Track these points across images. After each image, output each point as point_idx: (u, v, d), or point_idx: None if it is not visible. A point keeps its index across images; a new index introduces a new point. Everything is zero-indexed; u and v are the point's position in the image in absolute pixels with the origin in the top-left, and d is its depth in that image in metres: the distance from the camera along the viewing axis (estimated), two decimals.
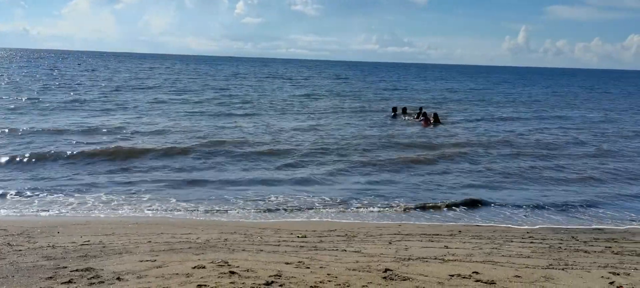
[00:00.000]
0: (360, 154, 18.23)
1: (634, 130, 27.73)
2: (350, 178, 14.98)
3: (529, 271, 6.82)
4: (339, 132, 23.42)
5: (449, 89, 61.03)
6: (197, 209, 11.65)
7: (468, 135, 23.91)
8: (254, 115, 28.52)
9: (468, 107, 37.59)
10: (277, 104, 35.50)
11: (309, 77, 79.28)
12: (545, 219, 11.69)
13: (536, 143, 22.17)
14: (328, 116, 29.34)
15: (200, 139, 19.89)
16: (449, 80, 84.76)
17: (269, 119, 27.03)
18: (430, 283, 6.08)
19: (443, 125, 26.68)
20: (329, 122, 26.71)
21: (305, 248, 7.86)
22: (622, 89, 79.33)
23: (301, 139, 21.17)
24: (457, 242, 8.65)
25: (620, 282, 6.38)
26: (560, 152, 20.18)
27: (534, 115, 33.60)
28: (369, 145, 19.97)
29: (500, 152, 19.83)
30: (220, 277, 5.90)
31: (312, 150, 18.70)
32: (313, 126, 24.95)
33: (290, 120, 26.94)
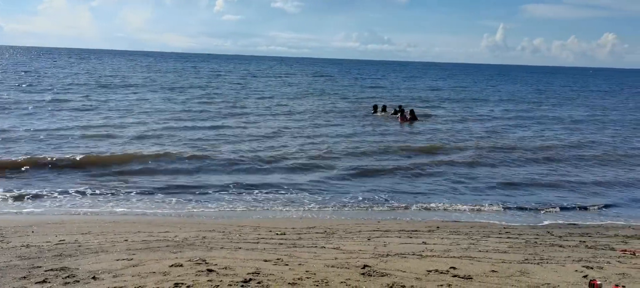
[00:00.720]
0: (342, 154, 18.22)
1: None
2: (334, 178, 14.98)
3: (505, 266, 6.90)
4: (326, 132, 23.17)
5: (432, 87, 61.20)
6: (178, 210, 11.55)
7: (442, 133, 24.11)
8: (242, 115, 27.92)
9: (456, 105, 37.84)
10: (263, 104, 34.72)
11: (292, 74, 78.94)
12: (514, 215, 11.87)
13: (511, 140, 22.46)
14: (319, 117, 28.63)
15: (185, 143, 19.38)
16: (434, 78, 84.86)
17: (255, 119, 26.47)
18: (408, 279, 6.11)
19: (419, 122, 27.00)
20: (317, 123, 26.25)
21: (284, 245, 7.85)
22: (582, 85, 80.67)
23: (286, 138, 20.92)
24: (435, 238, 8.72)
25: (594, 276, 6.49)
26: (548, 152, 20.47)
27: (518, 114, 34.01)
28: (353, 146, 19.95)
29: (474, 150, 20.09)
30: (197, 275, 5.86)
31: (297, 150, 18.58)
32: (298, 127, 24.56)
33: (279, 121, 26.39)
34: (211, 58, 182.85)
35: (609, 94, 61.65)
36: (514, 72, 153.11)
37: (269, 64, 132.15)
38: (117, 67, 75.39)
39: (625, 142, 23.30)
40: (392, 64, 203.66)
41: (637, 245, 8.49)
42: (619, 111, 38.26)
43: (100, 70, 66.75)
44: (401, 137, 22.07)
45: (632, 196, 14.00)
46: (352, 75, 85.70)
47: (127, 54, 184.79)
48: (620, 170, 17.25)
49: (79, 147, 17.50)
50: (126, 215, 10.90)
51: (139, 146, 18.10)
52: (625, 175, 16.39)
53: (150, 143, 18.74)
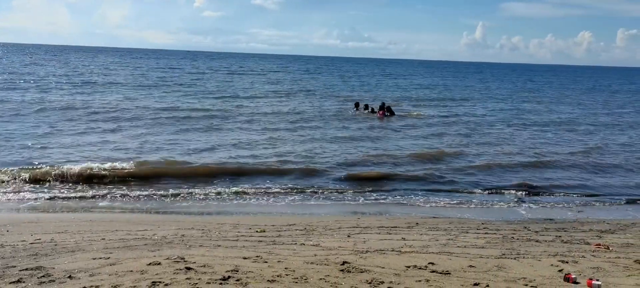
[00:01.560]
0: (327, 152, 18.23)
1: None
2: (315, 176, 14.97)
3: (483, 261, 6.99)
4: (314, 133, 22.88)
5: (421, 84, 61.15)
6: (157, 209, 11.45)
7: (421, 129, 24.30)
8: (228, 117, 27.29)
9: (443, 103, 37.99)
10: (250, 105, 32.33)
11: (277, 72, 78.39)
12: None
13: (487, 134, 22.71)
14: (312, 120, 27.93)
15: (168, 147, 18.82)
16: (419, 76, 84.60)
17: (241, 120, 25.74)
18: (386, 275, 6.15)
19: (395, 117, 27.43)
20: (305, 125, 25.77)
21: (264, 242, 7.83)
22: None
23: (277, 139, 20.46)
24: (414, 234, 8.78)
25: (569, 270, 6.61)
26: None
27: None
28: (338, 143, 19.96)
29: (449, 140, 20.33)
30: (175, 273, 5.82)
31: (286, 151, 18.45)
32: (289, 127, 24.09)
33: (271, 121, 25.62)
34: (193, 55, 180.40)
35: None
36: (497, 69, 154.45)
37: (253, 61, 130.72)
38: (106, 65, 73.75)
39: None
40: (375, 61, 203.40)
41: (611, 240, 8.66)
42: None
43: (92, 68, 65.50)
44: (383, 134, 22.20)
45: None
46: (337, 72, 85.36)
47: (106, 50, 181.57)
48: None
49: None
50: (103, 214, 10.76)
51: (125, 150, 17.87)
52: None
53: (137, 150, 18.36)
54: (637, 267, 6.90)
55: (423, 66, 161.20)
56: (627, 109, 38.99)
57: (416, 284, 5.89)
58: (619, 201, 13.44)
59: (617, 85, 78.01)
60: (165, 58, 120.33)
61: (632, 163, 18.03)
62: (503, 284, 6.01)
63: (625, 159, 18.74)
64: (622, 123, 29.80)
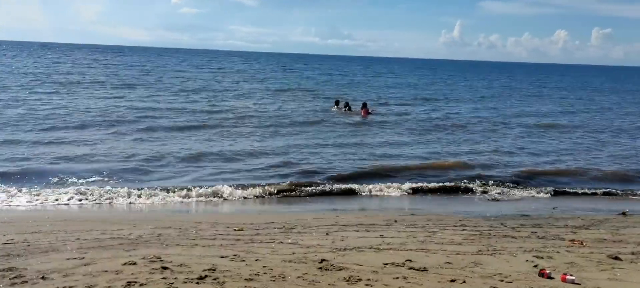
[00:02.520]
0: (301, 149, 18.20)
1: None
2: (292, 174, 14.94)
3: (460, 257, 7.05)
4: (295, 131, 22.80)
5: (409, 83, 60.97)
6: (131, 204, 11.30)
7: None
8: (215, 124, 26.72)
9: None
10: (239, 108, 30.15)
11: (259, 70, 77.65)
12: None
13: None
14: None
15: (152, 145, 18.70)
16: (403, 75, 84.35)
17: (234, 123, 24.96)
18: (364, 272, 6.17)
19: (373, 114, 27.44)
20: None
21: (242, 241, 7.79)
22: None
23: (263, 140, 20.18)
24: (392, 232, 8.81)
25: (543, 265, 6.71)
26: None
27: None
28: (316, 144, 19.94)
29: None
30: (151, 273, 5.76)
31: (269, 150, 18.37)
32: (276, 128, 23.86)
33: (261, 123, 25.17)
34: (170, 52, 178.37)
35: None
36: (479, 68, 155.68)
37: (234, 59, 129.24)
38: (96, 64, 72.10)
39: None
40: (356, 60, 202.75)
41: (585, 235, 8.81)
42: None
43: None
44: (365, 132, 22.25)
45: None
46: (321, 71, 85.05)
47: (81, 47, 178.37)
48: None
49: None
50: (77, 213, 10.59)
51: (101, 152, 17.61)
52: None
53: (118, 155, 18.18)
54: (610, 262, 7.04)
55: (405, 64, 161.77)
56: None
57: (394, 281, 5.92)
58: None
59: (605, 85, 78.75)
60: (153, 56, 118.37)
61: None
62: (479, 280, 6.07)
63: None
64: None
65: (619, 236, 8.84)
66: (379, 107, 30.72)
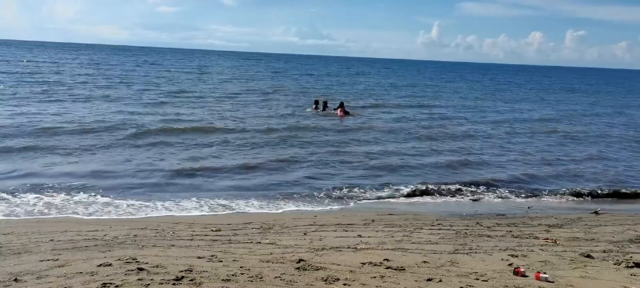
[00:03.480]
0: (273, 148, 18.17)
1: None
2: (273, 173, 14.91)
3: (436, 256, 7.12)
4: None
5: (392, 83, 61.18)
6: (109, 205, 11.14)
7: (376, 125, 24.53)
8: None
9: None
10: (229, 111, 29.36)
11: (242, 69, 76.96)
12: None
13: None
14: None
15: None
16: (388, 75, 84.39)
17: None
18: (342, 272, 6.19)
19: (351, 116, 27.40)
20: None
21: (219, 241, 7.75)
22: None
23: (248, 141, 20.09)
24: (370, 231, 8.86)
25: (518, 264, 6.81)
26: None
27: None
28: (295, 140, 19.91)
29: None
30: (127, 275, 5.69)
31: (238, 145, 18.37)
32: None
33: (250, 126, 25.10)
34: (147, 50, 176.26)
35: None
36: (459, 69, 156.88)
37: (215, 58, 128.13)
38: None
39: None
40: (338, 60, 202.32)
41: (559, 234, 8.97)
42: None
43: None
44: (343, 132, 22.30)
45: None
46: (304, 71, 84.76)
47: (59, 46, 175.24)
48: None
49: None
50: (52, 214, 10.41)
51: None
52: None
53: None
54: (583, 260, 7.18)
55: (387, 64, 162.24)
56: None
57: (371, 280, 5.94)
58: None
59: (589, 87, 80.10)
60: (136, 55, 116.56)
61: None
62: (455, 279, 6.13)
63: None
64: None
65: (591, 234, 9.02)
66: (359, 109, 30.71)
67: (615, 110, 39.51)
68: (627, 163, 18.66)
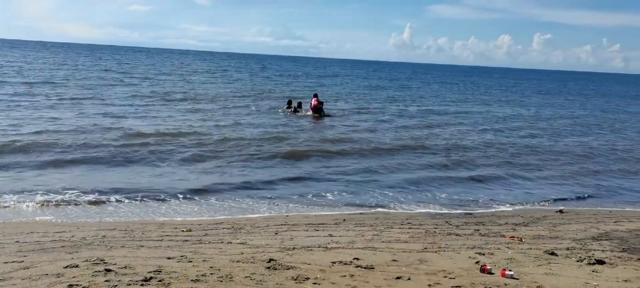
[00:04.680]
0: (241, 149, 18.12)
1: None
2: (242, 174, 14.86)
3: (406, 255, 7.21)
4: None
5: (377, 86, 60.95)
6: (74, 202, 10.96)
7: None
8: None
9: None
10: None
11: (219, 70, 75.88)
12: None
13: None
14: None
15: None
16: (368, 77, 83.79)
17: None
18: (312, 271, 6.22)
19: (328, 116, 27.34)
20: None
21: (190, 242, 7.70)
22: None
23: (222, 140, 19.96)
24: (341, 230, 8.92)
25: (485, 261, 6.95)
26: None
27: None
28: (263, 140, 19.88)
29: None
30: (94, 276, 5.62)
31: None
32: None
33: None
34: (119, 49, 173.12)
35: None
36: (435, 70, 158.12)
37: (190, 58, 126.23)
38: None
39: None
40: (311, 61, 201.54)
41: (524, 232, 9.18)
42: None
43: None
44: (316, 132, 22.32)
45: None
46: (282, 70, 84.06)
47: (26, 44, 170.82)
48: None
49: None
50: (17, 215, 10.18)
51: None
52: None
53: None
54: (547, 257, 7.36)
55: (362, 66, 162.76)
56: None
57: (341, 279, 6.00)
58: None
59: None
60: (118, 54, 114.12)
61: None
62: (424, 277, 6.23)
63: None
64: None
65: (556, 232, 9.25)
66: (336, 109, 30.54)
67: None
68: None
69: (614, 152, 21.86)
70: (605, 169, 18.18)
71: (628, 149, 22.95)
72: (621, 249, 8.05)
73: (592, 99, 60.73)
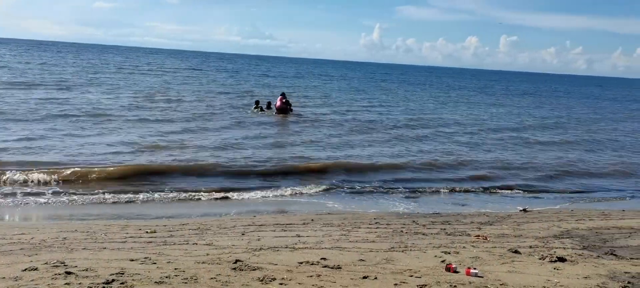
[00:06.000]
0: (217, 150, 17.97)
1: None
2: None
3: (373, 254, 7.24)
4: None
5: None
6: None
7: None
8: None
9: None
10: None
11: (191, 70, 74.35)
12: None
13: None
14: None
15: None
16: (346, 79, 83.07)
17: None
18: (279, 272, 6.19)
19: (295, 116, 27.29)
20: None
21: (154, 243, 7.56)
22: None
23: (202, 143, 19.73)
24: (309, 230, 8.90)
25: (450, 260, 7.03)
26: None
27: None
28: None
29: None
30: (54, 279, 5.46)
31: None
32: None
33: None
34: (83, 47, 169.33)
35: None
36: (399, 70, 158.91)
37: (163, 57, 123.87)
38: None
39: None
40: (282, 60, 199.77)
41: (489, 231, 9.32)
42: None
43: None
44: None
45: None
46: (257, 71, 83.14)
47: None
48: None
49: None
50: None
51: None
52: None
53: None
54: (510, 255, 7.49)
55: (335, 66, 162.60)
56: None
57: (307, 279, 5.98)
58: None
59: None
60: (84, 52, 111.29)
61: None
62: (390, 276, 6.26)
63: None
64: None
65: (519, 231, 9.42)
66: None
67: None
68: None
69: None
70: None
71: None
72: (582, 247, 8.24)
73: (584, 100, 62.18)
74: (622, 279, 6.54)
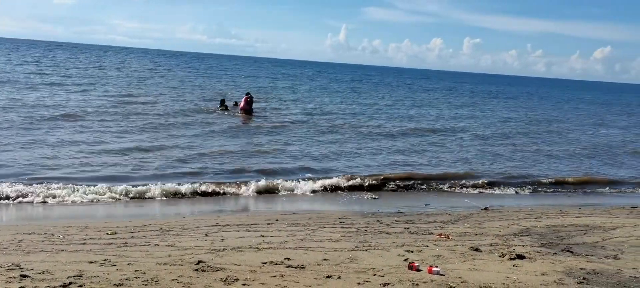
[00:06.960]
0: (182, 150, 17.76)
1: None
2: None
3: (337, 254, 7.27)
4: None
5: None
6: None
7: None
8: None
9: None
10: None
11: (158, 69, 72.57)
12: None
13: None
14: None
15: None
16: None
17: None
18: (242, 272, 6.15)
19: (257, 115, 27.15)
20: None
21: (114, 245, 7.41)
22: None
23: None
24: (273, 230, 8.87)
25: (413, 259, 7.12)
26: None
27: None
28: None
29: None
30: (8, 283, 5.30)
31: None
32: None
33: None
34: (42, 45, 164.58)
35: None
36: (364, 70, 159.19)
37: (129, 55, 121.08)
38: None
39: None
40: (248, 60, 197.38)
41: (451, 229, 9.46)
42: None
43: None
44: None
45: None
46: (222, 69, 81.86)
47: None
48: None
49: None
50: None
51: None
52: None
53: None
54: (471, 253, 7.63)
55: (303, 66, 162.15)
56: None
57: (271, 279, 5.96)
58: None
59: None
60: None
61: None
62: (354, 275, 6.30)
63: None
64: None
65: (481, 229, 9.60)
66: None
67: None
68: None
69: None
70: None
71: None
72: (540, 244, 8.46)
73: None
74: (578, 275, 6.74)
